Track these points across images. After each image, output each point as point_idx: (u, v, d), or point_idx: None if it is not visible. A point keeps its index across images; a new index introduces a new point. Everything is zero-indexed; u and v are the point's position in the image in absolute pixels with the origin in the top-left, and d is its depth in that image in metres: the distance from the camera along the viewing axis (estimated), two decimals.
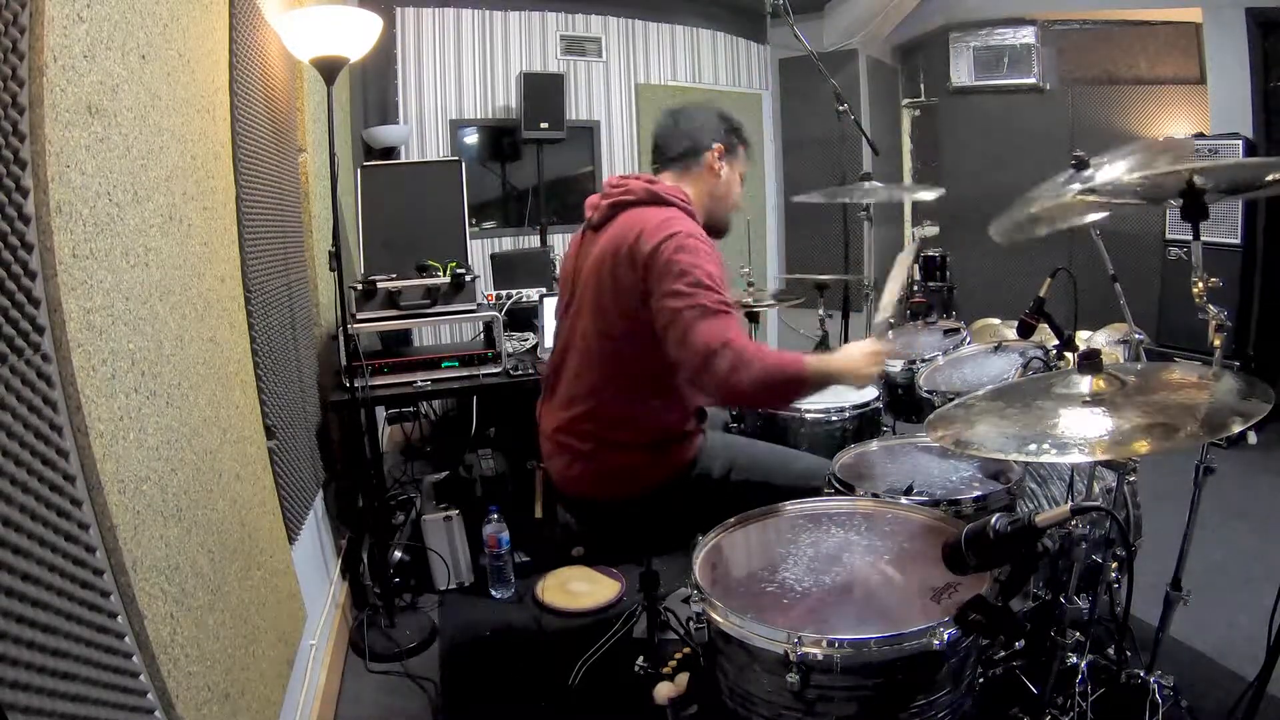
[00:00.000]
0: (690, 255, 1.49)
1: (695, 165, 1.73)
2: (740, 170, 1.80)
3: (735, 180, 1.79)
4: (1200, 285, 1.31)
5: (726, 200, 1.78)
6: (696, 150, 1.72)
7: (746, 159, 1.82)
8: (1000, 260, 5.32)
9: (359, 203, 2.90)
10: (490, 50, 4.65)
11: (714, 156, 1.73)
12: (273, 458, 1.75)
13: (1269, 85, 3.98)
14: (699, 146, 1.72)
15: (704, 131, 1.73)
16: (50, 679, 0.74)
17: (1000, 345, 2.23)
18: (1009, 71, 5.25)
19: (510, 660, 2.29)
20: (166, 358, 1.17)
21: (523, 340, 2.96)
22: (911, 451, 1.76)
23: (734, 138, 1.77)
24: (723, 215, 1.79)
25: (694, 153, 1.73)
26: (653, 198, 1.63)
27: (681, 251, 1.49)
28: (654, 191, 1.64)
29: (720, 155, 1.73)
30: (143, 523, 1.01)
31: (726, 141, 1.74)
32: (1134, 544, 1.76)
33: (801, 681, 1.01)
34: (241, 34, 1.75)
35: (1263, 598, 1.38)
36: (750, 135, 1.82)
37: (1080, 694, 1.51)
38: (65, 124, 0.90)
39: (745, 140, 1.80)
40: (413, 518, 2.77)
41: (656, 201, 1.63)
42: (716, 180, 1.74)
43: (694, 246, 1.51)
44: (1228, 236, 3.82)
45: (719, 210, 1.77)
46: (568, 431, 1.69)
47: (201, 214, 1.41)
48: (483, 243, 4.51)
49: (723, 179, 1.75)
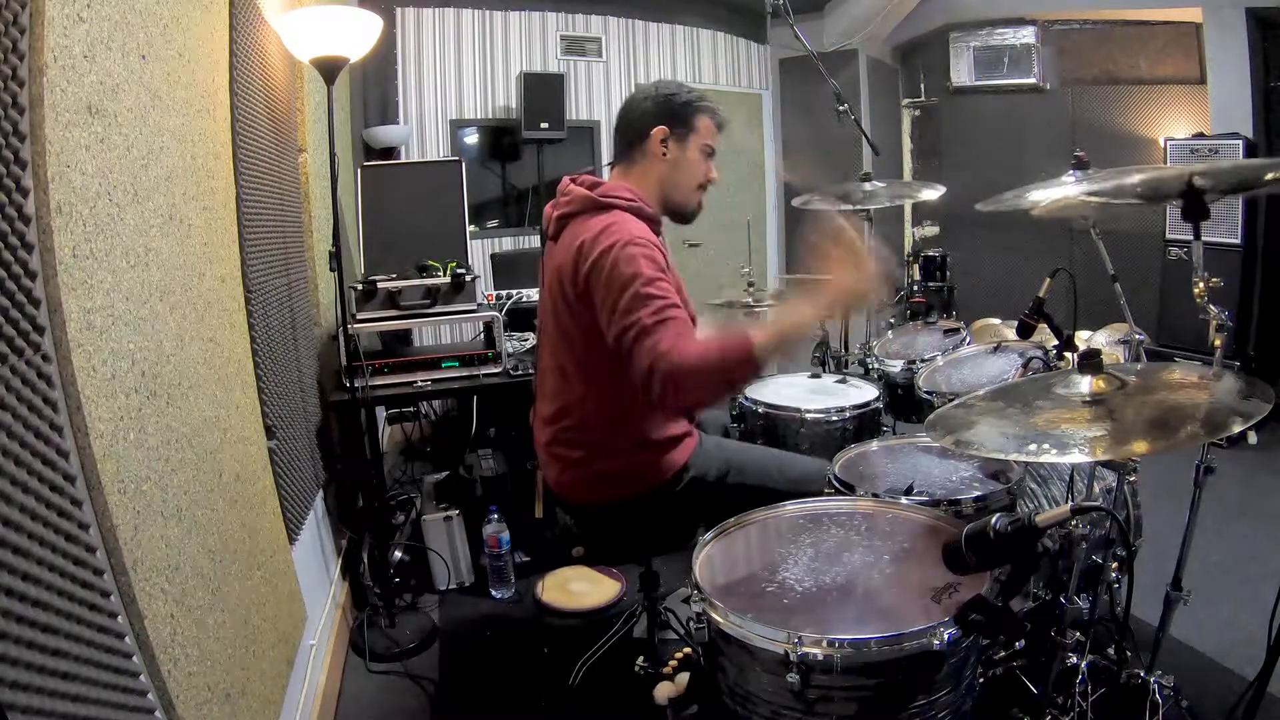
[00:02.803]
0: (626, 266, 1.43)
1: (640, 154, 1.65)
2: (700, 145, 1.67)
3: (691, 159, 1.66)
4: (1201, 285, 1.31)
5: (683, 183, 1.67)
6: (639, 138, 1.65)
7: (712, 130, 1.68)
8: (1000, 260, 5.33)
9: (359, 203, 2.90)
10: (490, 50, 4.65)
11: (657, 141, 1.63)
12: (273, 458, 1.75)
13: (1269, 85, 3.99)
14: (640, 133, 1.64)
15: (645, 116, 1.64)
16: (50, 679, 0.74)
17: (1000, 345, 2.23)
18: (1009, 71, 5.25)
19: (510, 660, 2.29)
20: (166, 358, 1.17)
21: (523, 340, 2.96)
22: (911, 451, 1.76)
23: (686, 111, 1.65)
24: (683, 200, 1.69)
25: (637, 141, 1.65)
26: (592, 204, 1.57)
27: (616, 265, 1.44)
28: (592, 198, 1.58)
29: (665, 137, 1.63)
30: (143, 523, 1.01)
31: (673, 121, 1.64)
32: (1134, 544, 1.76)
33: (802, 681, 1.01)
34: (241, 34, 1.75)
35: (1263, 598, 1.38)
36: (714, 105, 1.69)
37: (1080, 694, 1.51)
38: (65, 124, 0.90)
39: (704, 109, 1.66)
40: (413, 518, 2.77)
41: (596, 208, 1.57)
42: (666, 164, 1.65)
43: (629, 256, 1.44)
44: (1228, 236, 3.82)
45: (678, 195, 1.68)
46: (557, 443, 1.69)
47: (202, 214, 1.41)
48: (483, 243, 4.51)
49: (673, 161, 1.65)
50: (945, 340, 2.45)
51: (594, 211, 1.57)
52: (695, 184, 1.69)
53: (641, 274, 1.42)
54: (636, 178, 1.66)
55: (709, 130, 1.68)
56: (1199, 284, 1.31)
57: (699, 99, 1.67)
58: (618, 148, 1.70)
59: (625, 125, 1.68)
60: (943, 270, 5.11)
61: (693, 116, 1.66)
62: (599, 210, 1.57)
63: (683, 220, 1.74)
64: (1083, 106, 5.02)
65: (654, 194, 1.66)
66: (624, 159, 1.69)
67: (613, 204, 1.57)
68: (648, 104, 1.66)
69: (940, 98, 5.66)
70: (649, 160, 1.66)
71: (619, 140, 1.70)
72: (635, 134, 1.66)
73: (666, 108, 1.65)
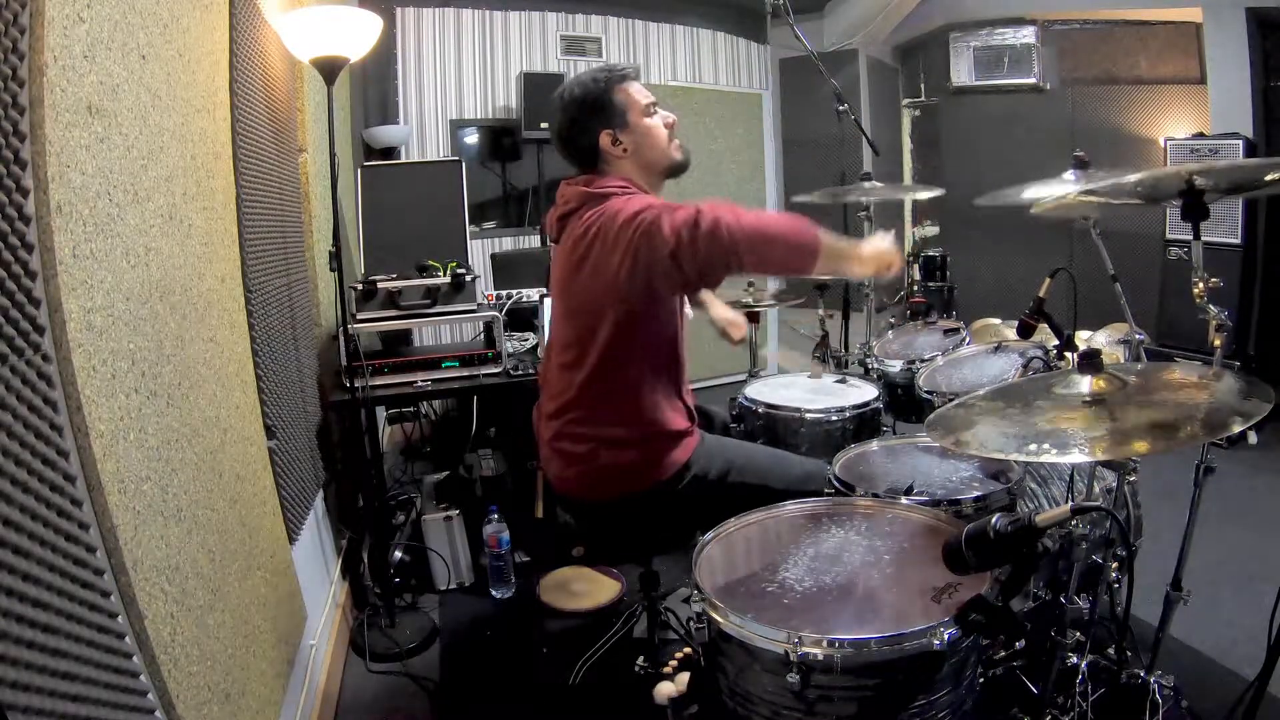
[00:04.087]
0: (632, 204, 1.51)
1: (605, 163, 1.67)
2: (640, 112, 1.66)
3: (645, 130, 1.66)
4: (1201, 285, 1.31)
5: (655, 153, 1.68)
6: (594, 153, 1.66)
7: (637, 91, 1.67)
8: (1000, 260, 5.32)
9: (359, 203, 2.90)
10: (490, 50, 4.65)
11: (609, 144, 1.64)
12: (273, 458, 1.75)
13: (1269, 85, 3.99)
14: (592, 149, 1.65)
15: (581, 132, 1.65)
16: (50, 679, 0.74)
17: (1000, 345, 2.23)
18: (1009, 71, 5.25)
19: (510, 660, 2.29)
20: (166, 358, 1.17)
21: (523, 340, 2.96)
22: (911, 451, 1.76)
23: (605, 100, 1.63)
24: (663, 160, 1.70)
25: (593, 154, 1.66)
26: (589, 197, 1.62)
27: (621, 211, 1.51)
28: (589, 192, 1.62)
29: (613, 138, 1.64)
30: (143, 523, 1.01)
31: (604, 118, 1.64)
32: (1134, 544, 1.76)
33: (802, 681, 1.01)
34: (241, 34, 1.75)
35: (1263, 598, 1.38)
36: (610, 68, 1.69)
37: (1080, 694, 1.51)
38: (65, 124, 0.90)
39: (612, 81, 1.65)
40: (413, 518, 2.77)
41: (593, 200, 1.61)
42: (630, 155, 1.66)
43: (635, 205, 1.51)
44: (1228, 236, 3.82)
45: (659, 162, 1.70)
46: (562, 437, 1.70)
47: (202, 214, 1.41)
48: (483, 243, 4.50)
49: (633, 146, 1.66)
50: (945, 340, 2.45)
51: (592, 202, 1.61)
52: (663, 144, 1.70)
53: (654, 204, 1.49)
54: (615, 177, 1.67)
55: (635, 94, 1.67)
56: (1199, 284, 1.31)
57: (601, 79, 1.66)
58: (581, 167, 1.70)
59: (574, 151, 1.68)
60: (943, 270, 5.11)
61: (613, 99, 1.64)
62: (597, 200, 1.60)
63: (678, 173, 1.75)
64: (1083, 106, 5.02)
65: (639, 178, 1.68)
66: (593, 172, 1.69)
67: (610, 193, 1.60)
68: (574, 122, 1.65)
69: (940, 98, 5.66)
70: (616, 161, 1.67)
71: (580, 165, 1.69)
72: (589, 152, 1.66)
73: (590, 109, 1.64)
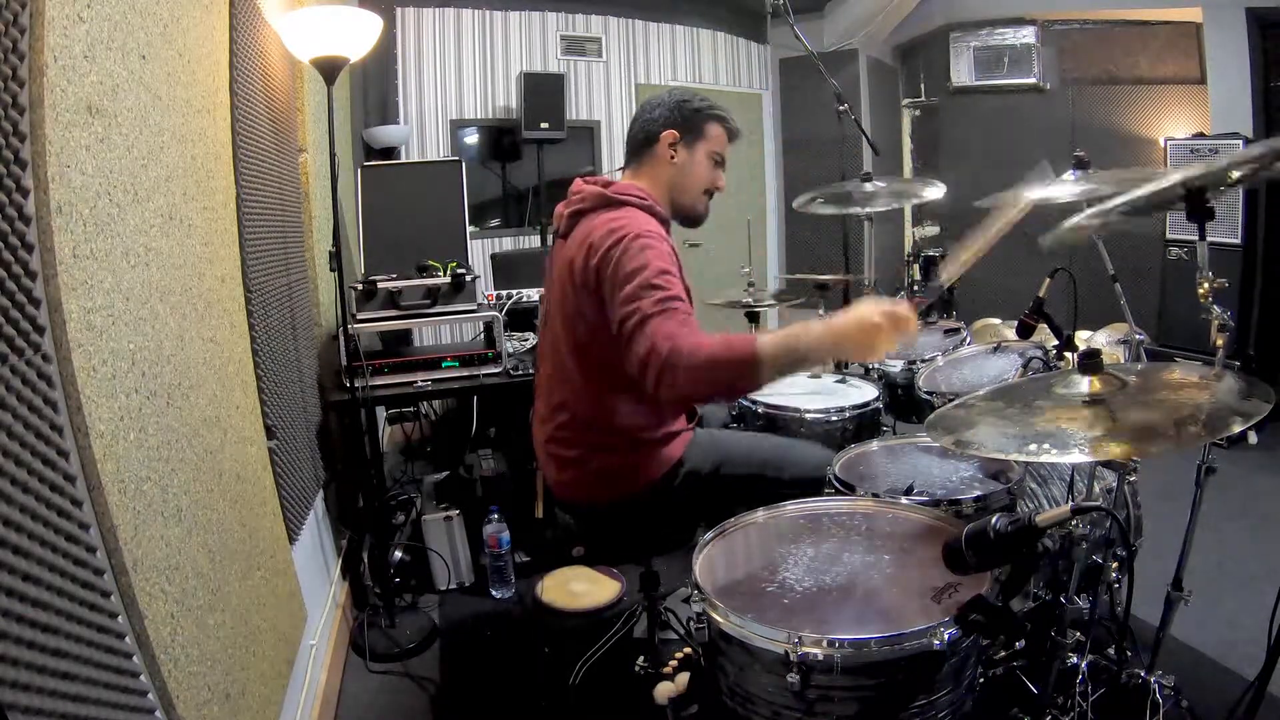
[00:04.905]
0: (635, 256, 1.45)
1: (650, 157, 1.69)
2: (708, 152, 1.70)
3: (698, 164, 1.69)
4: (1205, 286, 1.30)
5: (691, 187, 1.70)
6: (649, 141, 1.68)
7: (722, 138, 1.72)
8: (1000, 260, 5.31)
9: (359, 203, 2.90)
10: (490, 50, 4.65)
11: (666, 144, 1.67)
12: (273, 458, 1.75)
13: (1269, 85, 3.99)
14: (651, 136, 1.68)
15: (657, 120, 1.68)
16: (50, 679, 0.74)
17: (1000, 345, 2.23)
18: (1009, 71, 5.25)
19: (510, 660, 2.29)
20: (167, 358, 1.17)
21: (523, 340, 2.96)
22: (911, 451, 1.76)
23: (696, 118, 1.68)
24: (690, 202, 1.72)
25: (647, 144, 1.69)
26: (605, 201, 1.60)
27: (626, 255, 1.46)
28: (605, 195, 1.61)
29: (674, 141, 1.67)
30: (143, 523, 1.01)
31: (683, 126, 1.67)
32: (1134, 544, 1.76)
33: (802, 681, 1.01)
34: (241, 34, 1.75)
35: (1263, 598, 1.38)
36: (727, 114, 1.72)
37: (1081, 694, 1.51)
38: (65, 124, 0.90)
39: (715, 117, 1.70)
40: (413, 518, 2.77)
41: (609, 204, 1.59)
42: (673, 167, 1.68)
43: (641, 246, 1.46)
44: (1228, 236, 3.82)
45: (684, 198, 1.71)
46: (555, 441, 1.70)
47: (202, 214, 1.41)
48: (483, 243, 4.51)
49: (680, 164, 1.68)
50: (945, 340, 2.45)
51: (606, 207, 1.60)
52: (702, 189, 1.72)
53: (650, 265, 1.44)
54: (646, 180, 1.69)
55: (719, 138, 1.72)
56: (1204, 284, 1.30)
57: (711, 107, 1.72)
58: (629, 150, 1.74)
59: (637, 128, 1.71)
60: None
61: (704, 123, 1.69)
62: (611, 206, 1.60)
63: (689, 224, 1.76)
64: (1083, 106, 5.02)
65: (663, 196, 1.68)
66: (634, 161, 1.72)
67: (626, 201, 1.60)
68: (660, 109, 1.69)
69: (940, 98, 5.66)
70: (658, 163, 1.69)
71: (630, 143, 1.73)
72: (646, 137, 1.69)
73: (678, 113, 1.68)
